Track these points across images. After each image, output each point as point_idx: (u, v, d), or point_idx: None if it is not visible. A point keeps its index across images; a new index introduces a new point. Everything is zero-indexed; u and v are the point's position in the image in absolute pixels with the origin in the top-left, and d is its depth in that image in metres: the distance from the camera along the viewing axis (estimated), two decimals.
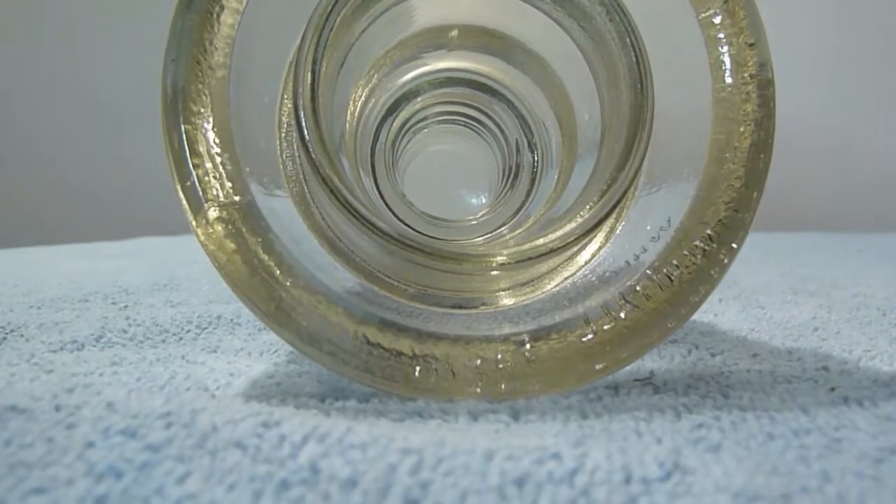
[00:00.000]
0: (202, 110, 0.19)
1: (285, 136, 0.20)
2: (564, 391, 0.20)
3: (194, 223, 0.18)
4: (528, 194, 0.28)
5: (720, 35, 0.20)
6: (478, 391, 0.19)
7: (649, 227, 0.20)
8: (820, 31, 1.14)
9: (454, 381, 0.19)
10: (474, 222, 0.30)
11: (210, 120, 0.19)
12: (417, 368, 0.19)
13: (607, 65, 0.21)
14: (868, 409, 0.19)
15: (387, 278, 0.20)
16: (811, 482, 0.14)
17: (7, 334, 0.29)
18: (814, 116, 1.09)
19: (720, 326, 0.32)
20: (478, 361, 0.19)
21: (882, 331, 0.31)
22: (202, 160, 0.19)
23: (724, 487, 0.13)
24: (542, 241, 0.19)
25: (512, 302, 0.21)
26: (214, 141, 0.19)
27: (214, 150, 0.19)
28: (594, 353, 0.19)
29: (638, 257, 0.20)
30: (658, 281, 0.20)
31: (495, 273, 0.19)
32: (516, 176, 0.29)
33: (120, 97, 1.11)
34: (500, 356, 0.19)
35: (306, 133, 0.18)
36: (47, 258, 0.58)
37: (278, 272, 0.19)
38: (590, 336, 0.19)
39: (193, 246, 0.19)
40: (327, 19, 0.18)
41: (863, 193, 1.11)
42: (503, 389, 0.19)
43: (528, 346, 0.19)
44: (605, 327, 0.19)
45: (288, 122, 0.20)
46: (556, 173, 0.25)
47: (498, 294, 0.21)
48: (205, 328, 0.30)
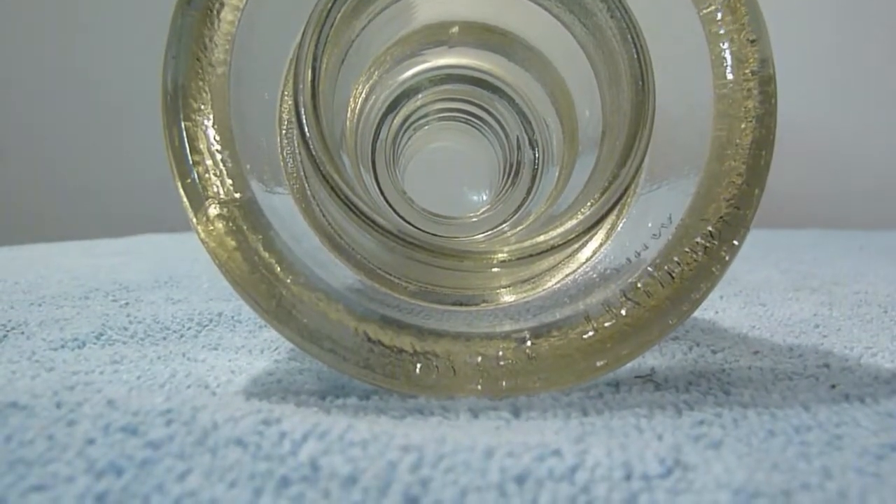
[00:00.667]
0: (202, 107, 0.19)
1: (286, 133, 0.20)
2: (565, 388, 0.20)
3: (195, 220, 0.18)
4: (529, 191, 0.28)
5: (721, 31, 0.20)
6: (479, 388, 0.19)
7: (650, 224, 0.20)
8: (822, 27, 1.14)
9: (455, 379, 0.19)
10: (475, 219, 0.30)
11: (210, 117, 0.19)
12: (418, 365, 0.19)
13: (608, 61, 0.21)
14: (869, 406, 0.19)
15: (387, 275, 0.20)
16: (812, 479, 0.14)
17: (8, 332, 0.29)
18: (816, 113, 1.09)
19: (721, 323, 0.32)
20: (479, 358, 0.19)
21: (883, 328, 0.30)
22: (202, 157, 0.19)
23: (725, 484, 0.13)
24: (543, 239, 0.19)
25: (513, 299, 0.21)
26: (215, 138, 0.19)
27: (215, 148, 0.19)
28: (595, 351, 0.19)
29: (639, 254, 0.20)
30: (659, 278, 0.20)
31: (496, 270, 0.19)
32: (517, 173, 0.29)
33: (121, 94, 1.11)
34: (501, 353, 0.19)
35: (307, 130, 0.18)
36: (48, 255, 0.58)
37: (279, 269, 0.19)
38: (591, 333, 0.19)
39: (194, 243, 0.19)
40: (327, 16, 0.18)
41: (865, 190, 1.11)
42: (504, 386, 0.19)
43: (529, 344, 0.19)
44: (606, 324, 0.19)
45: (288, 119, 0.20)
46: (557, 170, 0.25)
47: (499, 291, 0.21)
48: (205, 325, 0.30)
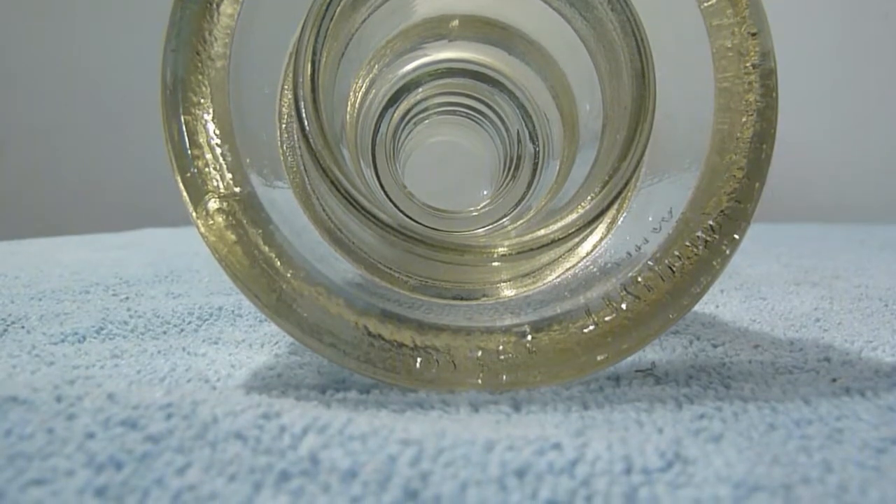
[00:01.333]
0: (202, 101, 0.19)
1: (286, 127, 0.20)
2: (566, 382, 0.20)
3: (195, 215, 0.18)
4: (530, 185, 0.27)
5: (722, 24, 0.20)
6: (479, 382, 0.19)
7: (651, 218, 0.20)
8: (824, 20, 1.14)
9: (455, 373, 0.19)
10: (475, 213, 0.30)
11: (210, 111, 0.19)
12: (418, 359, 0.19)
13: (609, 55, 0.20)
14: (870, 400, 0.19)
15: (388, 270, 0.20)
16: (812, 472, 0.13)
17: (8, 326, 0.29)
18: (816, 106, 1.09)
19: (722, 317, 0.32)
20: (479, 352, 0.19)
21: (884, 321, 0.30)
22: (202, 151, 0.19)
23: (726, 478, 0.13)
24: (544, 232, 0.19)
25: (513, 293, 0.21)
26: (214, 132, 0.19)
27: (214, 142, 0.19)
28: (595, 344, 0.19)
29: (639, 248, 0.20)
30: (660, 272, 0.20)
31: (496, 264, 0.19)
32: (517, 167, 0.29)
33: (121, 88, 1.11)
34: (502, 347, 0.19)
35: (306, 124, 0.18)
36: (48, 250, 0.58)
37: (279, 263, 0.19)
38: (591, 327, 0.19)
39: (194, 237, 0.19)
40: (327, 9, 0.18)
41: (865, 184, 1.11)
42: (504, 380, 0.19)
43: (530, 338, 0.19)
44: (607, 318, 0.19)
45: (288, 113, 0.20)
46: (558, 164, 0.25)
47: (499, 285, 0.21)
48: (206, 320, 0.30)
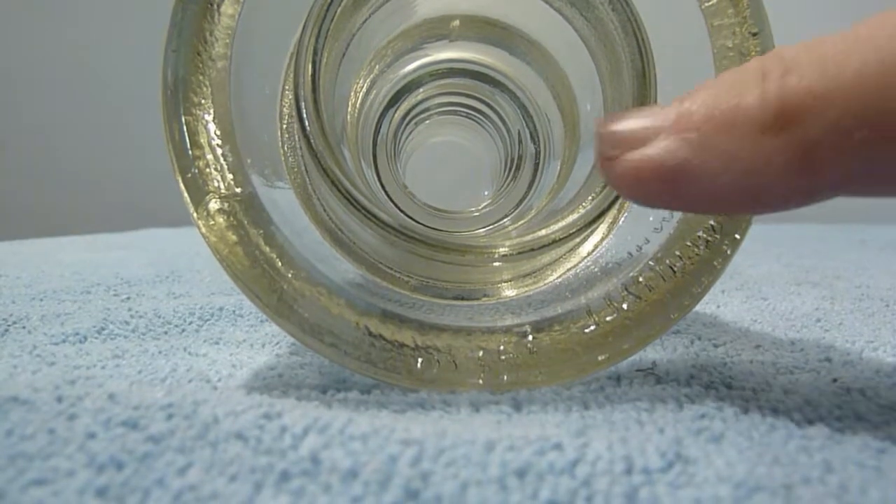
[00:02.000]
0: (203, 101, 0.19)
1: (286, 128, 0.20)
2: (566, 382, 0.20)
3: (195, 215, 0.18)
4: (531, 185, 0.27)
5: (723, 24, 0.20)
6: (480, 382, 0.19)
7: (652, 218, 0.20)
8: (824, 20, 1.14)
9: (456, 373, 0.19)
10: (476, 214, 0.30)
11: (211, 111, 0.19)
12: (419, 360, 0.19)
13: (610, 54, 0.20)
14: (871, 400, 0.19)
15: (389, 270, 0.20)
16: (813, 473, 0.13)
17: (9, 326, 0.29)
18: None
19: (723, 317, 0.32)
20: (480, 353, 0.19)
21: (885, 321, 0.30)
22: (203, 152, 0.19)
23: (726, 478, 0.13)
24: (545, 233, 0.19)
25: (514, 293, 0.21)
26: (215, 132, 0.19)
27: (215, 142, 0.19)
28: (596, 344, 0.19)
29: (640, 248, 0.20)
30: (661, 272, 0.20)
31: (497, 264, 0.19)
32: (518, 167, 0.29)
33: (122, 87, 1.11)
34: (503, 347, 0.19)
35: (307, 124, 0.18)
36: (49, 250, 0.58)
37: (280, 264, 0.19)
38: (592, 327, 0.19)
39: (196, 237, 0.19)
40: (328, 9, 0.18)
41: None
42: (505, 380, 0.19)
43: (531, 338, 0.19)
44: (608, 318, 0.19)
45: (289, 114, 0.20)
46: (559, 164, 0.25)
47: (500, 285, 0.21)
48: (207, 320, 0.30)
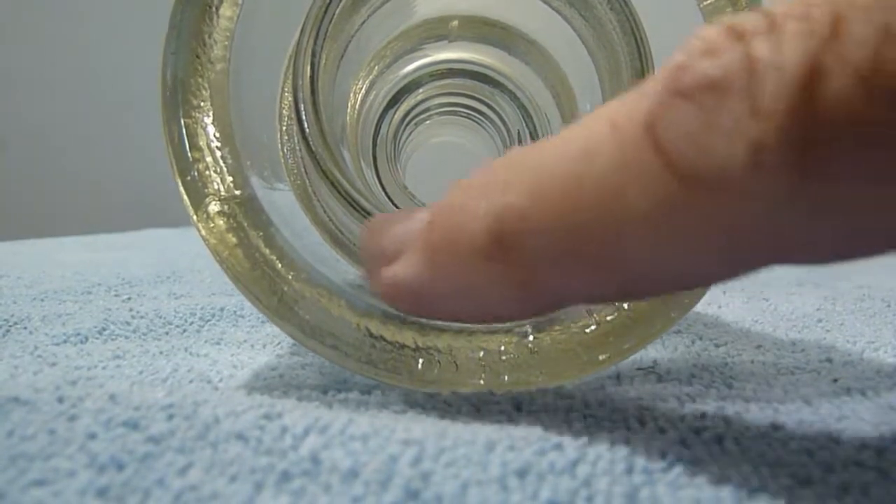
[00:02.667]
0: (202, 104, 0.19)
1: (286, 129, 0.20)
2: (567, 382, 0.20)
3: (195, 217, 0.18)
4: None
5: None
6: (481, 382, 0.19)
7: None
8: None
9: (457, 373, 0.19)
10: None
11: (210, 113, 0.19)
12: (420, 360, 0.19)
13: (609, 54, 0.20)
14: (871, 400, 0.19)
15: None
16: (814, 473, 0.13)
17: (10, 326, 0.29)
18: None
19: (724, 317, 0.32)
20: (481, 353, 0.19)
21: (886, 322, 0.30)
22: (202, 154, 0.19)
23: (728, 478, 0.13)
24: None
25: None
26: (215, 135, 0.19)
27: (215, 144, 0.19)
28: (597, 344, 0.19)
29: None
30: None
31: None
32: None
33: (123, 88, 1.11)
34: (503, 347, 0.19)
35: (306, 126, 0.18)
36: (50, 250, 0.58)
37: (280, 266, 0.19)
38: (593, 327, 0.19)
39: (196, 238, 0.19)
40: (326, 11, 0.18)
41: None
42: (506, 380, 0.19)
43: (531, 338, 0.19)
44: (609, 318, 0.19)
45: (288, 115, 0.20)
46: None
47: None
48: (208, 320, 0.30)
